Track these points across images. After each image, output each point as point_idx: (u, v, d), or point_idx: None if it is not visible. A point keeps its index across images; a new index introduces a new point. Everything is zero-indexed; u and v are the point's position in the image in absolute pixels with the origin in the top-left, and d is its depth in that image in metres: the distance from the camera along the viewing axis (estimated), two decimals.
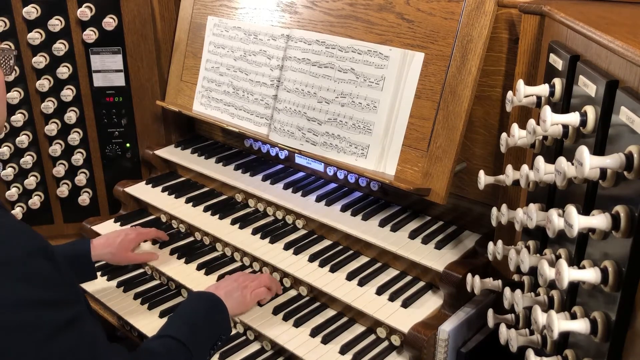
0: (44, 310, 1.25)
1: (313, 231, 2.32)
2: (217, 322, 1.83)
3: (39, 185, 2.82)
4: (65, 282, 1.34)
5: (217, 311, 1.86)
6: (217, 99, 2.63)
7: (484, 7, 1.84)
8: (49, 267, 1.28)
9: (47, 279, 1.27)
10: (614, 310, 1.05)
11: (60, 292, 1.30)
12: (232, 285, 1.99)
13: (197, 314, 1.79)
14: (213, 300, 1.88)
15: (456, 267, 1.87)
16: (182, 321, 1.74)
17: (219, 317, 1.85)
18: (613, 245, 1.07)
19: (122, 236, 2.29)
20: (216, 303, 1.87)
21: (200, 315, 1.79)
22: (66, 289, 1.34)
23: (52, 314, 1.27)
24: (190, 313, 1.80)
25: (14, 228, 1.29)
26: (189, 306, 1.85)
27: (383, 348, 1.90)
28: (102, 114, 2.79)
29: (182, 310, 1.82)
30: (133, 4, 2.65)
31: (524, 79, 1.60)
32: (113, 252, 2.24)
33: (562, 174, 1.14)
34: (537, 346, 1.39)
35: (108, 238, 2.27)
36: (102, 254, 2.22)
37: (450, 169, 1.92)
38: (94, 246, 2.19)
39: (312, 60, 2.24)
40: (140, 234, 2.36)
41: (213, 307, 1.86)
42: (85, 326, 1.34)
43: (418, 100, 2.00)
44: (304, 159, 2.52)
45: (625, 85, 1.09)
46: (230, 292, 1.95)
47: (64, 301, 1.31)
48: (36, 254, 1.26)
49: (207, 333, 1.76)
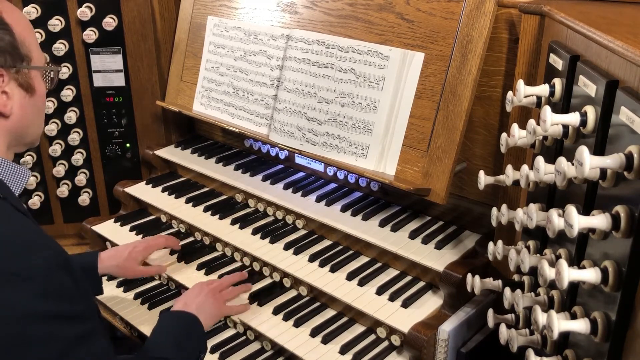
0: (61, 325, 1.27)
1: (313, 231, 2.32)
2: (196, 341, 1.84)
3: (39, 185, 2.82)
4: (82, 296, 1.35)
5: (195, 330, 1.86)
6: (217, 99, 2.63)
7: (484, 7, 1.84)
8: (69, 281, 1.30)
9: (66, 293, 1.29)
10: (614, 310, 1.05)
11: (78, 307, 1.32)
12: (200, 298, 1.96)
13: (179, 335, 1.79)
14: (190, 319, 1.87)
15: (456, 267, 1.87)
16: (168, 342, 1.74)
17: (197, 334, 1.86)
18: (613, 245, 1.07)
19: (130, 248, 2.19)
20: (193, 322, 1.87)
21: (183, 336, 1.79)
22: (83, 303, 1.35)
23: (68, 328, 1.28)
24: (173, 334, 1.79)
25: (36, 239, 1.30)
26: (170, 327, 1.83)
27: (383, 348, 1.90)
28: (102, 114, 2.79)
29: (164, 331, 1.81)
30: (133, 4, 2.65)
31: (524, 79, 1.60)
32: (120, 265, 2.14)
33: (562, 174, 1.14)
34: (537, 346, 1.39)
35: (116, 251, 2.20)
36: (109, 267, 2.14)
37: (450, 169, 1.92)
38: (101, 259, 2.12)
39: (312, 60, 2.24)
40: (150, 246, 2.25)
41: (191, 326, 1.86)
42: (98, 341, 1.36)
43: (418, 100, 2.00)
44: (304, 159, 2.52)
45: (625, 85, 1.09)
46: (201, 305, 1.93)
47: (81, 316, 1.33)
48: (57, 267, 1.28)
49: (190, 353, 1.77)
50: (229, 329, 2.12)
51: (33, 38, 1.53)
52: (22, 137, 1.54)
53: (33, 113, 1.53)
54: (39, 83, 1.54)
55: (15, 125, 1.49)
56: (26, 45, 1.48)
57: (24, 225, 1.35)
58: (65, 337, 1.27)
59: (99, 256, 2.13)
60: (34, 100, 1.53)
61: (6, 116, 1.46)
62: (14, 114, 1.47)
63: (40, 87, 1.55)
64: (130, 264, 2.16)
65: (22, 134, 1.53)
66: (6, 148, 1.50)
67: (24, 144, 1.58)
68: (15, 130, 1.50)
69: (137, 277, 2.27)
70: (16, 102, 1.47)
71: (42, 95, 1.57)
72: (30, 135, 1.57)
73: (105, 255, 2.16)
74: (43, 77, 1.57)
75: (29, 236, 1.31)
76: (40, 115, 1.58)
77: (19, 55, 1.46)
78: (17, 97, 1.47)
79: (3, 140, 1.48)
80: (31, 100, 1.51)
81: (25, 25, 1.51)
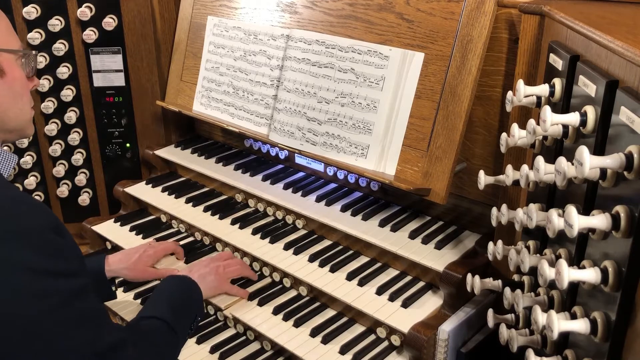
0: (56, 279, 1.33)
1: (313, 231, 2.32)
2: (193, 303, 1.90)
3: (39, 185, 2.82)
4: (74, 256, 1.43)
5: (193, 293, 1.93)
6: (217, 99, 2.63)
7: (484, 7, 1.84)
8: (61, 241, 1.37)
9: (59, 250, 1.36)
10: (614, 310, 1.05)
11: (70, 264, 1.39)
12: (204, 270, 2.05)
13: (175, 295, 1.86)
14: (188, 283, 1.95)
15: (456, 267, 1.87)
16: (164, 303, 1.79)
17: (195, 298, 1.93)
18: (613, 245, 1.07)
19: (140, 252, 2.20)
20: (191, 285, 1.94)
21: (178, 297, 1.86)
22: (76, 262, 1.42)
23: (64, 283, 1.35)
24: (170, 295, 1.85)
25: (31, 204, 1.38)
26: (167, 288, 1.90)
27: (383, 348, 1.90)
28: (102, 114, 2.79)
29: (161, 292, 1.87)
30: (133, 4, 2.65)
31: (524, 79, 1.60)
32: (130, 268, 2.15)
33: (562, 174, 1.14)
34: (537, 346, 1.40)
35: (125, 255, 2.20)
36: (118, 270, 2.14)
37: (450, 169, 1.92)
38: (108, 263, 2.12)
39: (312, 60, 2.24)
40: (159, 251, 2.26)
41: (188, 289, 1.93)
42: (92, 298, 1.44)
43: (418, 100, 2.00)
44: (304, 159, 2.52)
45: (625, 85, 1.09)
46: (203, 275, 2.02)
47: (74, 273, 1.39)
48: (50, 229, 1.35)
49: (186, 314, 1.83)
50: (229, 329, 2.12)
51: None
52: (3, 122, 1.55)
53: (8, 96, 1.55)
54: (12, 67, 1.55)
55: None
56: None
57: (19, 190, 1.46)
58: (60, 291, 1.33)
59: (106, 260, 2.14)
60: (7, 84, 1.54)
61: None
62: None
63: (12, 71, 1.55)
64: (141, 267, 2.18)
65: (1, 119, 1.54)
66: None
67: (6, 130, 1.58)
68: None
69: (147, 279, 2.27)
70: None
71: (18, 79, 1.57)
72: (13, 120, 1.58)
73: (113, 259, 2.16)
74: (19, 62, 1.58)
75: (24, 199, 1.39)
76: (18, 99, 1.58)
77: None
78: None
79: None
80: (2, 83, 1.53)
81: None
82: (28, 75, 1.62)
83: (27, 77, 1.62)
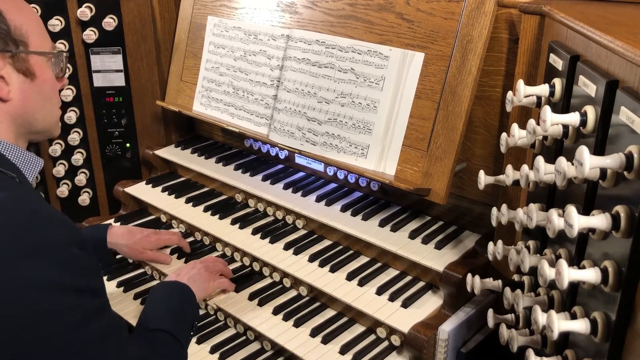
0: (77, 297, 1.34)
1: (313, 231, 2.32)
2: (190, 310, 1.90)
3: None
4: (95, 274, 1.46)
5: (189, 300, 1.93)
6: (217, 99, 2.63)
7: (484, 7, 1.84)
8: (84, 258, 1.38)
9: (81, 268, 1.37)
10: (614, 310, 1.05)
11: (92, 282, 1.41)
12: (192, 272, 2.04)
13: (174, 305, 1.85)
14: (184, 289, 1.94)
15: (456, 267, 1.87)
16: (166, 314, 1.79)
17: (191, 305, 1.93)
18: (613, 245, 1.07)
19: (144, 234, 2.28)
20: (187, 292, 1.94)
21: (178, 307, 1.86)
22: (96, 280, 1.46)
23: (84, 301, 1.36)
24: (169, 304, 1.85)
25: (56, 218, 1.38)
26: (166, 297, 1.89)
27: (383, 348, 1.90)
28: (102, 114, 2.79)
29: (161, 301, 1.87)
30: (133, 4, 2.65)
31: (524, 79, 1.60)
32: (129, 246, 2.23)
33: (562, 174, 1.14)
34: (537, 346, 1.39)
35: (129, 231, 2.27)
36: (118, 244, 2.22)
37: (450, 169, 1.92)
38: (110, 234, 2.19)
39: (312, 60, 2.24)
40: (161, 239, 2.33)
41: (185, 296, 1.93)
42: (110, 315, 1.47)
43: (418, 100, 2.00)
44: (304, 159, 2.52)
45: (625, 85, 1.09)
46: (192, 278, 2.01)
47: (95, 290, 1.42)
48: (74, 244, 1.36)
49: (185, 322, 1.83)
50: (229, 329, 2.12)
51: (33, 24, 1.54)
52: (30, 124, 1.56)
53: (38, 99, 1.55)
54: (42, 68, 1.55)
55: (19, 111, 1.51)
56: (22, 31, 1.49)
57: (45, 203, 1.45)
58: (80, 308, 1.34)
59: (109, 230, 2.19)
60: (37, 86, 1.54)
61: (5, 100, 1.48)
62: (14, 99, 1.49)
63: (43, 73, 1.55)
64: (140, 248, 2.25)
65: (29, 121, 1.54)
66: (14, 136, 1.53)
67: (34, 132, 1.59)
68: (20, 115, 1.52)
69: (141, 260, 2.33)
70: (15, 87, 1.49)
71: (48, 81, 1.57)
72: (41, 122, 1.58)
73: (116, 232, 2.22)
74: (49, 63, 1.58)
75: (50, 212, 1.38)
76: (47, 101, 1.59)
77: (12, 40, 1.47)
78: (16, 81, 1.49)
79: (9, 127, 1.51)
80: (33, 85, 1.53)
81: (21, 10, 1.52)
82: (58, 76, 1.62)
83: (57, 78, 1.62)
